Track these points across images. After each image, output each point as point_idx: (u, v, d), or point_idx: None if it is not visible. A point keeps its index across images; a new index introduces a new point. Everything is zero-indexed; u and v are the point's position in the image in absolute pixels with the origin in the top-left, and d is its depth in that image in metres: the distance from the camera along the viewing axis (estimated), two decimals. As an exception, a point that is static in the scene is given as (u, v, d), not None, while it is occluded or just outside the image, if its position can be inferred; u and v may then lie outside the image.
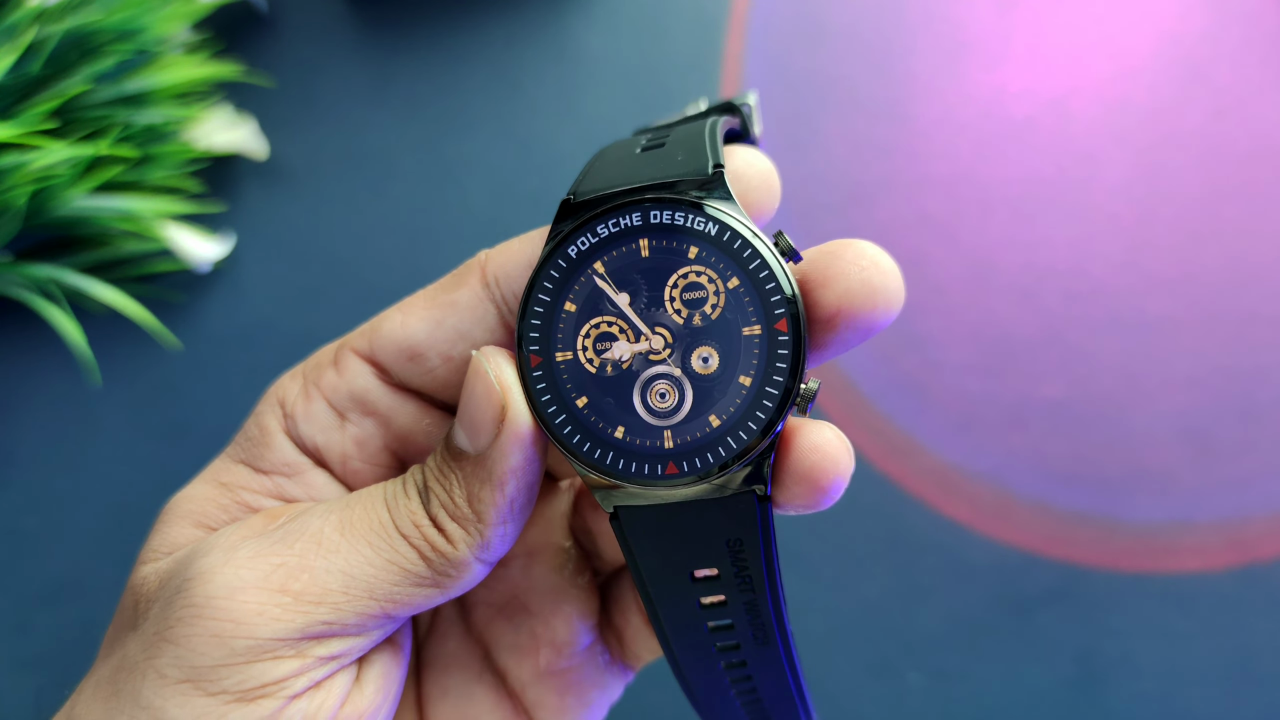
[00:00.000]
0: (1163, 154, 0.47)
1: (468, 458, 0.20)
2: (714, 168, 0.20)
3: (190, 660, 0.19)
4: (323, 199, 0.47)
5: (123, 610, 0.22)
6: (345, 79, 0.47)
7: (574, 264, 0.20)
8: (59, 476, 0.45)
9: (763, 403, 0.20)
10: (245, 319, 0.46)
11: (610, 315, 0.20)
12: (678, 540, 0.20)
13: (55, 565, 0.44)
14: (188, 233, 0.44)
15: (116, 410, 0.45)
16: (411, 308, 0.23)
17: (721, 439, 0.20)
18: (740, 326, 0.20)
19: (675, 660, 0.22)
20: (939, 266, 0.46)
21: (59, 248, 0.45)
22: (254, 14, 0.48)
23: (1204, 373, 0.45)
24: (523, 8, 0.48)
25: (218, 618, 0.19)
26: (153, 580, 0.21)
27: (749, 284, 0.20)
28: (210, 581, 0.19)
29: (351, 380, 0.23)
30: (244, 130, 0.46)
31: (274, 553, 0.20)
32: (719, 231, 0.20)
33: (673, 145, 0.21)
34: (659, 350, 0.20)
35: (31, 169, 0.41)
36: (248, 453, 0.24)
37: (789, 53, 0.47)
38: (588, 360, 0.20)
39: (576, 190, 0.21)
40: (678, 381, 0.20)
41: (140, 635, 0.20)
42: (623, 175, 0.21)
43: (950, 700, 0.43)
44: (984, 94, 0.47)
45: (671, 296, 0.20)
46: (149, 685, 0.19)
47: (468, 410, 0.20)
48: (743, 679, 0.23)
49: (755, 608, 0.21)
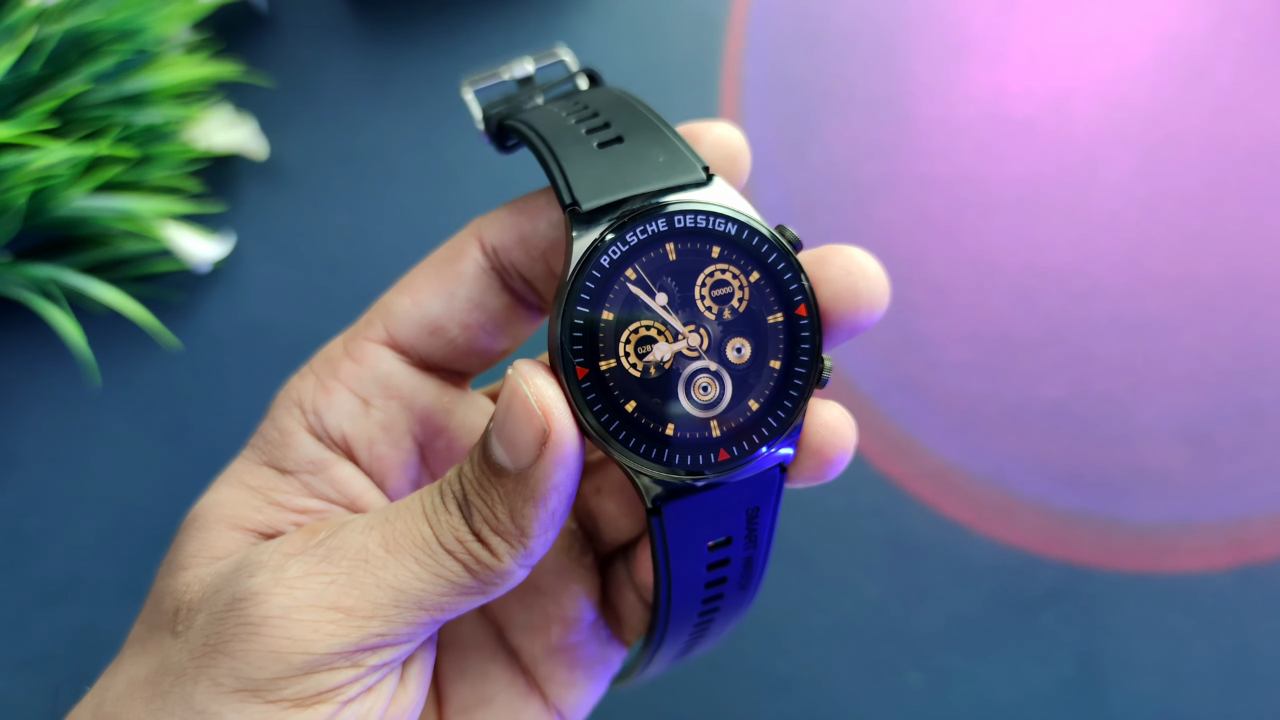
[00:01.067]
0: (1163, 154, 0.47)
1: (508, 474, 0.20)
2: (705, 170, 0.22)
3: (247, 673, 0.20)
4: (322, 199, 0.47)
5: (158, 612, 0.22)
6: (345, 79, 0.48)
7: (608, 273, 0.21)
8: (59, 477, 0.45)
9: (794, 382, 0.22)
10: (245, 319, 0.46)
11: (647, 319, 0.21)
12: (708, 517, 0.22)
13: (55, 566, 0.44)
14: (187, 233, 0.44)
15: (116, 410, 0.45)
16: (417, 287, 0.24)
17: (764, 420, 0.22)
18: (765, 316, 0.22)
19: (667, 605, 0.23)
20: (939, 266, 0.46)
21: (59, 248, 0.45)
22: (254, 14, 0.48)
23: (1204, 373, 0.45)
24: (522, 9, 0.48)
25: (275, 635, 0.20)
26: (195, 588, 0.22)
27: (768, 276, 0.22)
28: (265, 602, 0.20)
29: (374, 366, 0.24)
30: (244, 130, 0.46)
31: (322, 571, 0.20)
32: (738, 230, 0.22)
33: (637, 140, 0.22)
34: (696, 346, 0.21)
35: (31, 169, 0.41)
36: (270, 455, 0.24)
37: (789, 53, 0.47)
38: (631, 365, 0.21)
39: (574, 196, 0.21)
40: (717, 374, 0.21)
41: (186, 643, 0.21)
42: (617, 178, 0.22)
43: (950, 699, 0.43)
44: (984, 94, 0.47)
45: (701, 295, 0.22)
46: (202, 691, 0.20)
47: (506, 430, 0.20)
48: (710, 612, 0.24)
49: (751, 562, 0.23)
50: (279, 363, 0.45)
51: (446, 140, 0.47)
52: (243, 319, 0.46)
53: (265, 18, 0.48)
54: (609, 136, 0.23)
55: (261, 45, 0.48)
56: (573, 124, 0.23)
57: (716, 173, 0.22)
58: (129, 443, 0.45)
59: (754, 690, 0.43)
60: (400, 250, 0.46)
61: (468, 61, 0.48)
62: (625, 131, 0.23)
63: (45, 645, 0.44)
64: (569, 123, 0.24)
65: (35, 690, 0.44)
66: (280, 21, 0.48)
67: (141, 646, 0.22)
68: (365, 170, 0.47)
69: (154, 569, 0.45)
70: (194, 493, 0.44)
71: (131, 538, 0.45)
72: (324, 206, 0.47)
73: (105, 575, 0.44)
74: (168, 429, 0.45)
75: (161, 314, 0.46)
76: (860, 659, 0.43)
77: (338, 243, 0.46)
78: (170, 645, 0.21)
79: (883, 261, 0.45)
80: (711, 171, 0.22)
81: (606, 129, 0.23)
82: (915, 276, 0.46)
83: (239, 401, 0.45)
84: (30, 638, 0.44)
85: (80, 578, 0.44)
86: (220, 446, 0.45)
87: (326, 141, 0.47)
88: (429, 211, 0.47)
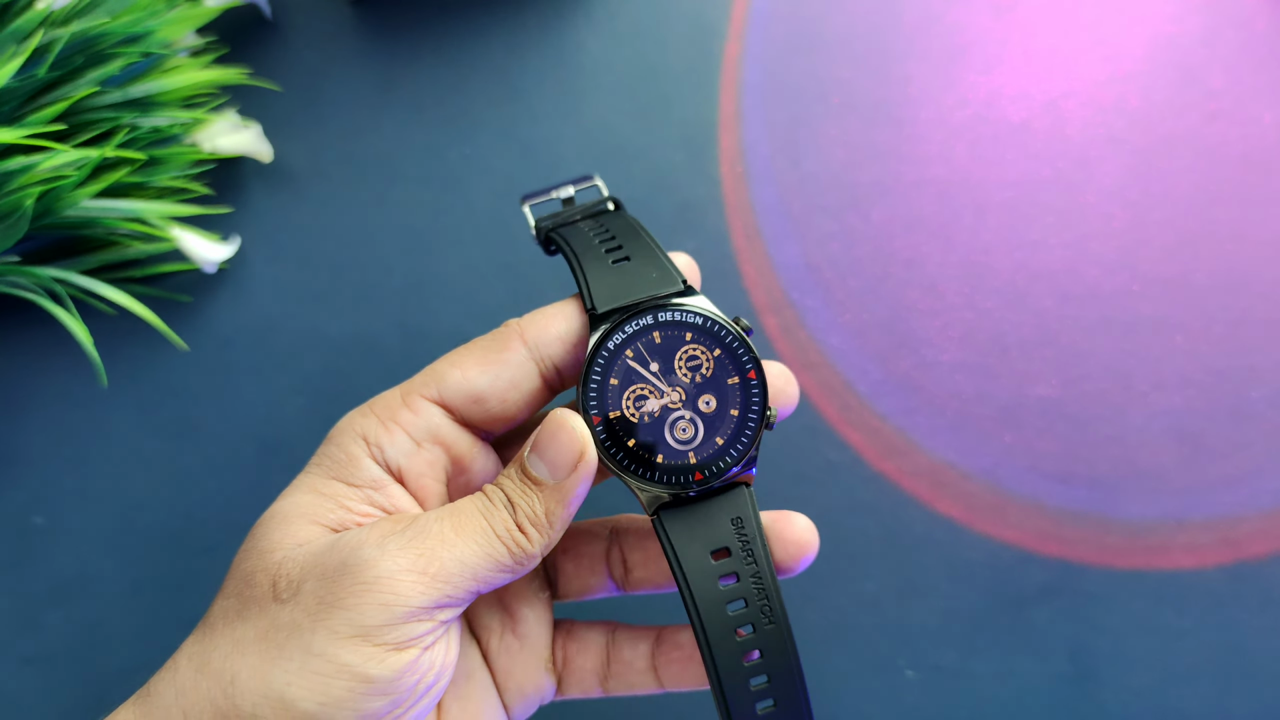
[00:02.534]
0: (1157, 157, 0.47)
1: (546, 484, 0.29)
2: (684, 283, 0.31)
3: (361, 621, 0.26)
4: (327, 201, 0.47)
5: (251, 587, 0.28)
6: (349, 84, 0.48)
7: (614, 353, 0.30)
8: (67, 475, 0.45)
9: (748, 425, 0.30)
10: (251, 319, 0.46)
11: (641, 383, 0.30)
12: (698, 524, 0.30)
13: (63, 563, 0.45)
14: (194, 235, 0.45)
15: (124, 410, 0.46)
16: (466, 364, 0.31)
17: (727, 451, 0.30)
18: (726, 379, 0.30)
19: (694, 609, 0.29)
20: (934, 268, 0.46)
21: (66, 249, 0.45)
22: (259, 19, 0.48)
23: (1196, 373, 0.45)
24: (524, 15, 0.48)
25: (383, 591, 0.27)
26: (290, 565, 0.28)
27: (726, 352, 0.31)
28: (376, 566, 0.27)
29: (427, 419, 0.31)
30: (249, 134, 0.46)
31: (413, 547, 0.28)
32: (704, 321, 0.31)
33: (640, 260, 0.32)
34: (676, 401, 0.30)
35: (39, 171, 0.41)
36: (338, 472, 0.31)
37: (786, 58, 0.48)
38: (630, 415, 0.30)
39: (594, 304, 0.31)
40: (692, 420, 0.30)
41: (297, 604, 0.27)
42: (623, 289, 0.31)
43: (945, 695, 0.43)
44: (979, 97, 0.47)
45: (679, 366, 0.30)
46: (320, 638, 0.26)
47: (549, 452, 0.29)
48: (758, 669, 0.30)
49: (760, 579, 0.30)
50: (284, 362, 0.46)
51: (449, 144, 0.47)
52: (249, 319, 0.46)
53: (270, 23, 0.48)
54: (620, 256, 0.32)
55: (267, 50, 0.48)
56: (596, 244, 0.32)
57: (690, 283, 0.31)
58: (136, 441, 0.46)
59: (752, 685, 0.44)
60: (403, 252, 0.47)
61: (470, 67, 0.48)
62: (632, 253, 0.32)
63: (53, 642, 0.45)
64: (594, 242, 0.32)
65: (43, 686, 0.44)
66: (285, 27, 0.48)
67: (239, 616, 0.28)
68: (369, 173, 0.47)
69: (161, 566, 0.45)
70: (200, 491, 0.45)
71: (139, 535, 0.45)
72: (329, 209, 0.47)
73: (113, 572, 0.45)
74: (175, 428, 0.46)
75: (168, 314, 0.46)
76: (856, 655, 0.44)
77: (342, 244, 0.47)
78: (276, 610, 0.27)
79: (879, 263, 0.46)
80: (688, 283, 0.31)
81: (620, 250, 0.32)
82: (910, 278, 0.46)
83: (245, 400, 0.46)
84: (38, 634, 0.45)
85: (88, 575, 0.45)
86: (227, 445, 0.46)
87: (331, 145, 0.47)
88: (431, 214, 0.47)
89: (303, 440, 0.45)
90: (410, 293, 0.47)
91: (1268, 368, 0.45)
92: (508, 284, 0.47)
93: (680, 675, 0.33)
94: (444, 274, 0.47)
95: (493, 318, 0.46)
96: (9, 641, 0.45)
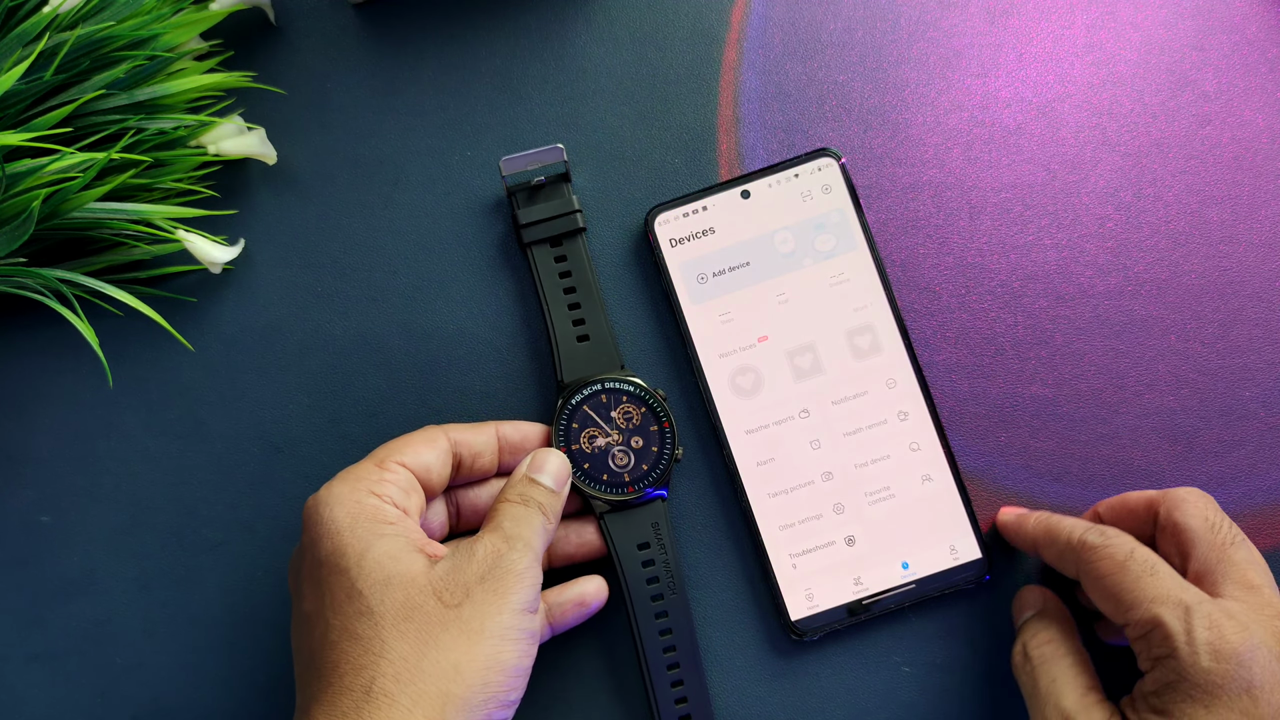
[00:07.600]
0: (1149, 159, 0.47)
1: (550, 490, 0.40)
2: (621, 365, 0.44)
3: (524, 599, 0.37)
4: (331, 203, 0.47)
5: (418, 609, 0.36)
6: (353, 87, 0.48)
7: (575, 408, 0.43)
8: (74, 474, 0.46)
9: (664, 458, 0.43)
10: (256, 320, 0.47)
11: (593, 428, 0.43)
12: (629, 525, 0.43)
13: (70, 561, 0.45)
14: (200, 236, 0.45)
15: (130, 409, 0.46)
16: (416, 448, 0.40)
17: (649, 475, 0.43)
18: (649, 426, 0.43)
19: (625, 584, 0.43)
20: (929, 269, 0.47)
21: (73, 251, 0.46)
22: (264, 23, 0.49)
23: (1188, 373, 0.46)
24: (526, 20, 0.49)
25: (526, 573, 0.37)
26: (441, 580, 0.37)
27: (649, 409, 0.44)
28: (519, 563, 0.37)
29: (402, 477, 0.40)
30: (254, 136, 0.46)
31: (521, 545, 0.38)
32: (635, 389, 0.44)
33: (597, 340, 0.45)
34: (616, 440, 0.43)
35: (45, 174, 0.41)
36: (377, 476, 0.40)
37: (784, 63, 0.48)
38: (585, 448, 0.43)
39: (563, 378, 0.44)
40: (626, 452, 0.43)
41: (473, 603, 0.36)
42: (585, 366, 0.44)
43: (942, 691, 0.44)
44: (974, 101, 0.48)
45: (616, 416, 0.43)
46: (506, 617, 0.36)
47: (553, 471, 0.41)
48: (665, 630, 0.43)
49: (668, 564, 0.43)
50: (289, 363, 0.46)
51: (452, 147, 0.48)
52: (254, 320, 0.47)
53: (275, 27, 0.49)
54: (583, 333, 0.45)
55: (272, 54, 0.48)
56: (565, 309, 0.45)
57: (624, 364, 0.45)
58: (143, 441, 0.46)
59: (751, 682, 0.44)
60: (405, 254, 0.47)
61: (472, 71, 0.48)
62: (590, 331, 0.45)
63: (60, 639, 0.45)
64: (565, 309, 0.45)
65: (50, 683, 0.44)
66: (290, 31, 0.49)
67: (407, 620, 0.35)
68: (372, 175, 0.47)
69: (167, 564, 0.45)
70: (204, 490, 0.45)
71: (145, 533, 0.45)
72: (333, 210, 0.47)
73: (119, 570, 0.45)
74: (180, 427, 0.46)
75: (174, 315, 0.46)
76: (854, 653, 0.44)
77: (346, 246, 0.47)
78: (456, 613, 0.36)
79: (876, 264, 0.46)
80: (623, 365, 0.45)
81: (582, 322, 0.45)
82: (906, 279, 0.46)
83: (250, 400, 0.46)
84: (45, 632, 0.45)
85: (95, 572, 0.45)
86: (233, 444, 0.46)
87: (335, 147, 0.48)
88: (432, 216, 0.47)
89: (307, 439, 0.46)
90: (414, 294, 0.47)
91: (1259, 367, 0.46)
92: (509, 284, 0.47)
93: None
94: (447, 275, 0.47)
95: (494, 318, 0.46)
96: (17, 638, 0.45)
